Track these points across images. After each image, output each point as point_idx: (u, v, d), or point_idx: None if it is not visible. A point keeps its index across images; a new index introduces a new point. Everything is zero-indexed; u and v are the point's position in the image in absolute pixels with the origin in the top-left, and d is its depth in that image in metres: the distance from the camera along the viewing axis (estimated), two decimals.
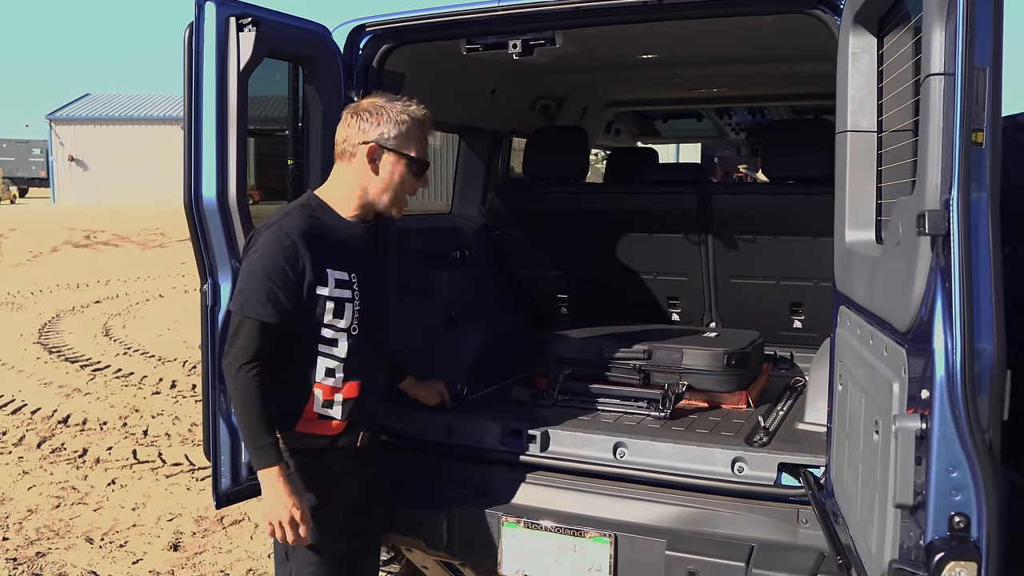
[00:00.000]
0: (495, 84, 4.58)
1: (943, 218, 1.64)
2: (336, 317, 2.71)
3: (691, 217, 4.28)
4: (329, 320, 2.70)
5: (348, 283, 2.73)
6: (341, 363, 2.75)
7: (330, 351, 2.74)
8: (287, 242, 2.62)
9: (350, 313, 2.73)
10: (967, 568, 1.65)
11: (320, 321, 2.70)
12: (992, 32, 1.63)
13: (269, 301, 2.59)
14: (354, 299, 2.74)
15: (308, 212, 2.73)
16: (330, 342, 2.73)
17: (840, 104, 2.52)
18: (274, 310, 2.60)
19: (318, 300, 2.68)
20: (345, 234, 2.77)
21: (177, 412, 8.03)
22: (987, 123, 1.63)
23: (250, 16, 3.00)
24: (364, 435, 2.89)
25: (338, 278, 2.71)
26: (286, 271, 2.61)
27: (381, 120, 2.73)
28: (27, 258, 20.33)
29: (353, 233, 2.79)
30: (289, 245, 2.62)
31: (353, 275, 2.75)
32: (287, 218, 2.69)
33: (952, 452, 1.67)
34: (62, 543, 5.24)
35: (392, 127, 2.73)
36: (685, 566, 2.86)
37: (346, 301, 2.72)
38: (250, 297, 2.61)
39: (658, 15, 3.14)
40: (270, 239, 2.64)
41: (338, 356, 2.74)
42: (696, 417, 3.50)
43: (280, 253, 2.61)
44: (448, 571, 3.57)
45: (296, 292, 2.63)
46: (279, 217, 2.71)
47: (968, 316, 1.62)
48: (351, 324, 2.74)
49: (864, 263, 2.33)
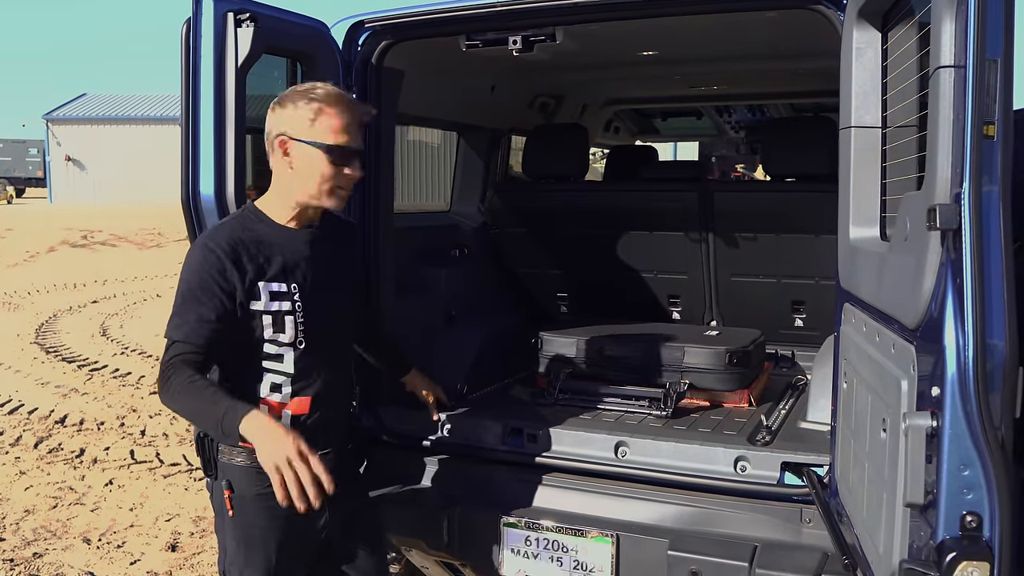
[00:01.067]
0: (494, 81, 4.56)
1: (954, 212, 1.62)
2: (277, 332, 2.50)
3: (692, 215, 4.26)
4: (269, 335, 2.50)
5: (287, 295, 2.51)
6: (288, 378, 2.54)
7: (275, 366, 2.53)
8: (212, 258, 2.43)
9: (292, 327, 2.51)
10: (979, 568, 1.62)
11: (260, 337, 2.50)
12: (1004, 23, 1.61)
13: (197, 321, 2.40)
14: (295, 311, 2.52)
15: (241, 224, 2.54)
16: (274, 357, 2.53)
17: (844, 100, 2.50)
18: (200, 329, 2.40)
19: (253, 316, 2.48)
20: (284, 244, 2.54)
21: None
22: (999, 115, 1.61)
23: (248, 11, 2.97)
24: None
25: (273, 291, 2.50)
26: (212, 288, 2.42)
27: (287, 106, 2.47)
28: (24, 258, 20.29)
29: (294, 241, 2.56)
30: (215, 260, 2.42)
31: (294, 286, 2.52)
32: (216, 231, 2.53)
33: (964, 450, 1.64)
34: (59, 544, 5.21)
35: (299, 112, 2.45)
36: (688, 566, 2.83)
37: (286, 314, 2.51)
38: (173, 320, 2.43)
39: (659, 10, 3.12)
40: (197, 255, 2.46)
41: (284, 371, 2.54)
42: (698, 416, 3.47)
43: (206, 270, 2.43)
44: (448, 571, 3.55)
45: (226, 309, 2.43)
46: (212, 230, 2.56)
47: (980, 312, 1.60)
48: (295, 338, 2.52)
49: (870, 260, 2.30)
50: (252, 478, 2.49)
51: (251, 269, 2.46)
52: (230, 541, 2.59)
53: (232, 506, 2.55)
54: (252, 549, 2.55)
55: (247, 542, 2.56)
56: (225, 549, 2.62)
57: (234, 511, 2.55)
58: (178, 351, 2.39)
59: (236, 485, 2.54)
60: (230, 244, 2.45)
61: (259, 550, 2.55)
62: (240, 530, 2.56)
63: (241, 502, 2.54)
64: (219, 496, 2.59)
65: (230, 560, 2.60)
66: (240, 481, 2.53)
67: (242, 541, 2.56)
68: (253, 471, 2.44)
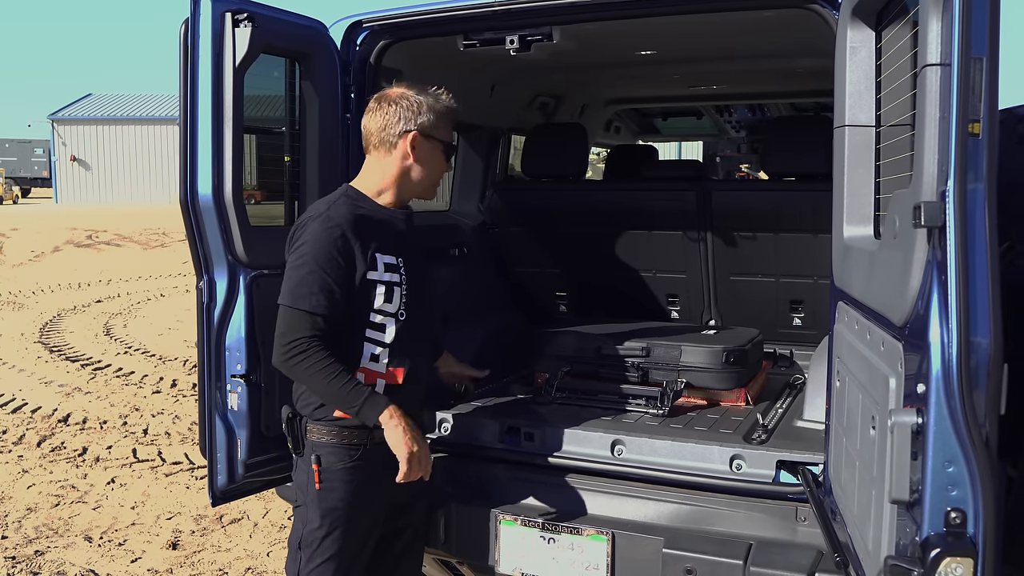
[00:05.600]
0: (493, 81, 4.57)
1: (939, 210, 1.62)
2: (386, 301, 2.76)
3: (690, 214, 4.26)
4: (379, 305, 2.75)
5: (396, 267, 2.79)
6: (387, 348, 2.78)
7: (377, 336, 2.77)
8: (337, 232, 2.67)
9: (398, 297, 2.78)
10: (963, 564, 1.63)
11: (371, 306, 2.74)
12: (989, 22, 1.61)
13: (322, 292, 2.64)
14: (402, 283, 2.79)
15: (351, 202, 2.79)
16: (378, 327, 2.77)
17: (838, 99, 2.51)
18: (327, 300, 2.65)
19: (370, 285, 2.73)
20: (388, 221, 2.83)
21: (177, 411, 8.03)
22: (984, 114, 1.61)
23: (246, 12, 2.99)
24: None
25: (387, 262, 2.76)
26: (337, 260, 2.66)
27: (423, 109, 2.81)
28: (29, 258, 20.36)
29: (395, 220, 2.85)
30: (340, 235, 2.67)
31: (400, 260, 2.80)
32: (334, 208, 2.74)
33: (948, 447, 1.65)
34: (61, 542, 5.23)
35: (432, 115, 2.83)
36: (683, 564, 2.84)
37: (395, 285, 2.77)
38: (303, 290, 2.65)
39: (656, 10, 3.13)
40: (318, 230, 2.68)
41: (384, 342, 2.78)
42: (695, 415, 3.48)
43: (331, 243, 2.66)
44: (445, 569, 3.56)
45: (348, 280, 2.68)
46: (324, 208, 2.75)
47: (964, 309, 1.60)
48: (399, 309, 2.78)
49: (862, 258, 2.31)
50: (339, 454, 2.77)
51: (368, 241, 2.72)
52: (312, 514, 2.78)
53: (320, 479, 2.76)
54: (335, 521, 2.77)
55: (331, 515, 2.77)
56: (304, 523, 2.81)
57: (321, 484, 2.77)
58: (308, 324, 2.65)
59: (324, 459, 2.77)
60: (349, 218, 2.71)
61: (340, 523, 2.77)
62: (324, 503, 2.77)
63: (328, 475, 2.77)
64: (305, 472, 2.82)
65: (309, 533, 2.79)
66: (328, 456, 2.77)
67: (326, 514, 2.77)
68: (342, 448, 2.76)
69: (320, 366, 2.64)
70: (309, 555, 2.78)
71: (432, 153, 2.86)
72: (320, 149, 3.35)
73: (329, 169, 3.37)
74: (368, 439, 2.77)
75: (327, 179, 3.30)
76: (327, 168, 3.36)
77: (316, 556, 2.77)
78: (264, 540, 5.24)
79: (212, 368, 3.12)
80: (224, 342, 3.12)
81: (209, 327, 3.11)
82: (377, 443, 2.75)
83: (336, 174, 3.33)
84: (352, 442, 2.77)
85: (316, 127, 3.35)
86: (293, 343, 2.65)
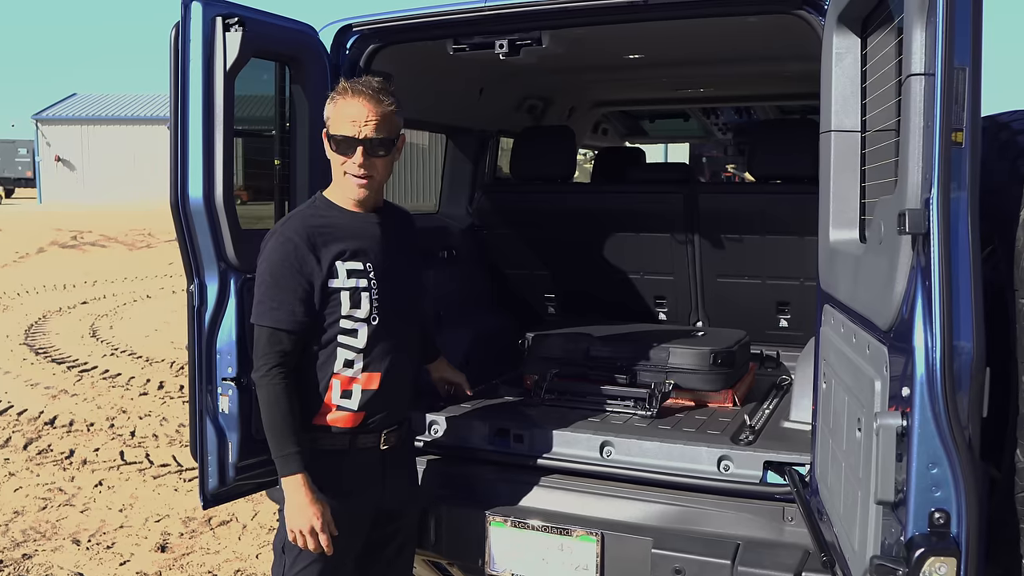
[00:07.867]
0: (482, 84, 4.59)
1: (923, 217, 1.66)
2: (354, 307, 2.73)
3: (678, 217, 4.29)
4: (347, 311, 2.73)
5: (363, 272, 2.75)
6: (360, 353, 2.77)
7: (349, 342, 2.76)
8: (290, 247, 2.68)
9: (367, 303, 2.75)
10: (947, 563, 1.66)
11: (339, 313, 2.73)
12: (971, 32, 1.65)
13: (281, 307, 2.66)
14: (371, 288, 2.75)
15: (311, 212, 2.79)
16: (350, 332, 2.75)
17: (824, 104, 2.54)
18: (286, 315, 2.67)
19: (332, 293, 2.72)
20: (356, 227, 2.79)
21: (164, 413, 8.01)
22: (967, 123, 1.64)
23: (236, 16, 3.00)
24: (389, 436, 2.86)
25: (350, 268, 2.73)
26: (293, 273, 2.67)
27: (329, 104, 2.76)
28: (13, 259, 20.22)
29: (365, 225, 2.81)
30: (292, 249, 2.68)
31: (368, 265, 2.76)
32: (287, 223, 2.77)
33: (932, 449, 1.68)
34: (49, 545, 5.22)
35: (331, 107, 2.75)
36: (671, 564, 2.86)
37: (362, 291, 2.74)
38: (263, 307, 2.69)
39: (644, 15, 3.15)
40: (274, 247, 2.72)
41: (357, 347, 2.76)
42: (682, 416, 3.51)
43: (284, 257, 2.68)
44: (436, 571, 3.58)
45: (307, 291, 2.68)
46: (280, 225, 2.79)
47: (948, 314, 1.63)
48: (370, 314, 2.76)
49: (848, 262, 2.34)
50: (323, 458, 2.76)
51: (326, 250, 2.71)
52: None
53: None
54: None
55: None
56: None
57: None
58: (273, 340, 2.68)
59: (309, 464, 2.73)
60: (302, 230, 2.71)
61: None
62: None
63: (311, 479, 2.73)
64: None
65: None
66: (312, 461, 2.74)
67: None
68: (325, 453, 2.77)
69: (270, 398, 2.67)
70: (293, 559, 2.79)
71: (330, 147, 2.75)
72: (310, 153, 3.36)
73: (318, 173, 3.37)
74: (352, 445, 2.79)
75: (317, 182, 3.31)
76: (316, 171, 3.37)
77: (299, 560, 2.77)
78: (253, 542, 5.24)
79: (203, 371, 3.13)
80: (215, 345, 3.12)
81: (200, 330, 3.11)
82: (362, 449, 2.78)
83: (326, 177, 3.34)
84: (336, 447, 2.78)
85: (306, 130, 3.36)
86: (258, 364, 2.70)
